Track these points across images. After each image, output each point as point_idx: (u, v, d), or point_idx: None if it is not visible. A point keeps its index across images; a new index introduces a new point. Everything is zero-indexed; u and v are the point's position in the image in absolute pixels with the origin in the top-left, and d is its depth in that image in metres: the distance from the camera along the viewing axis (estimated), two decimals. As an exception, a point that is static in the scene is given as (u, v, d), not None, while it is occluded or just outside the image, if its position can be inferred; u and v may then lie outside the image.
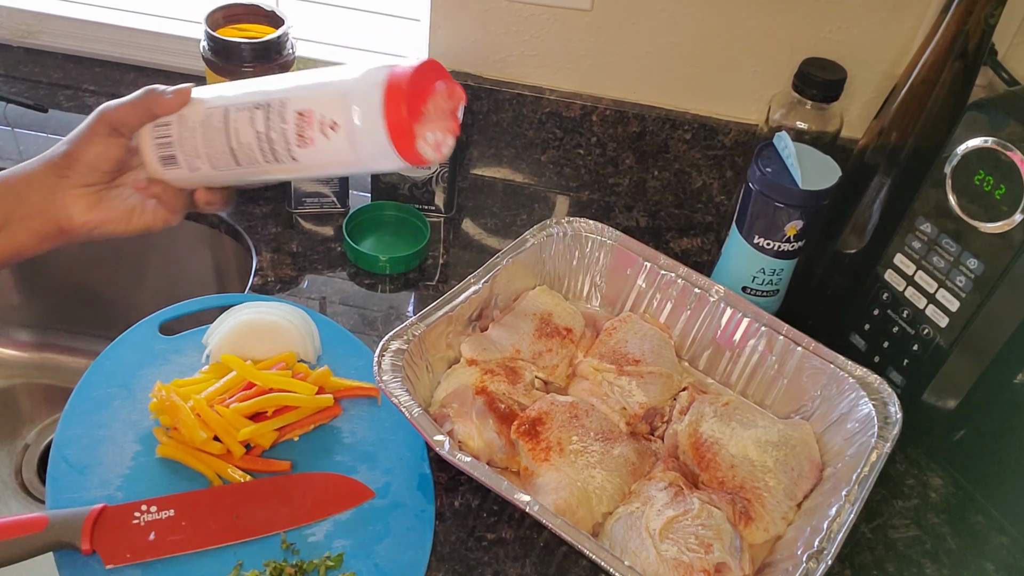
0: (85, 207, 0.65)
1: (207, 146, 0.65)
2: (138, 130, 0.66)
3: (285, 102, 0.63)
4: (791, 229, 0.81)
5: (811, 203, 0.80)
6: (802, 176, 0.79)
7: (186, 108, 0.66)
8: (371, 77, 0.60)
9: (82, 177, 0.64)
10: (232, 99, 0.65)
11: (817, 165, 0.81)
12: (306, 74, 0.65)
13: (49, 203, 0.64)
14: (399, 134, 0.60)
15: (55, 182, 0.64)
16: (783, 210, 0.80)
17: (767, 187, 0.80)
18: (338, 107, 0.61)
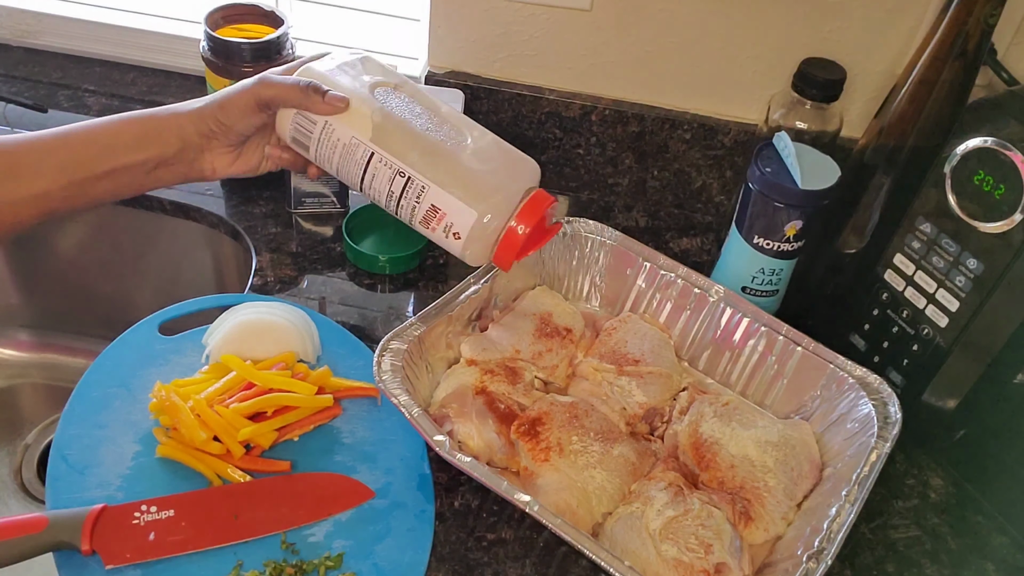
0: (228, 163, 0.73)
1: (341, 163, 0.71)
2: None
3: (426, 189, 0.68)
4: (791, 229, 0.81)
5: (811, 203, 0.80)
6: (802, 176, 0.79)
7: (336, 117, 0.69)
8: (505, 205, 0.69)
9: (229, 140, 0.70)
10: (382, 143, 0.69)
11: (817, 165, 0.81)
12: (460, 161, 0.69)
13: (197, 159, 0.71)
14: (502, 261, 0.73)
15: (204, 143, 0.70)
16: (783, 210, 0.80)
17: (767, 187, 0.80)
18: (467, 226, 0.69)
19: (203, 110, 0.69)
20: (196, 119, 0.69)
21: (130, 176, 0.68)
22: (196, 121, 0.69)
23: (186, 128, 0.69)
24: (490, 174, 0.70)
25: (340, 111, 0.69)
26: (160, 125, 0.69)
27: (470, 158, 0.70)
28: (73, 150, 0.66)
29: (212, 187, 1.03)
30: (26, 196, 0.64)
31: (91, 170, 0.66)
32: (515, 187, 0.70)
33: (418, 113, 0.72)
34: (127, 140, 0.68)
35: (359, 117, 0.70)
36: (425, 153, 0.69)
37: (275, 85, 0.68)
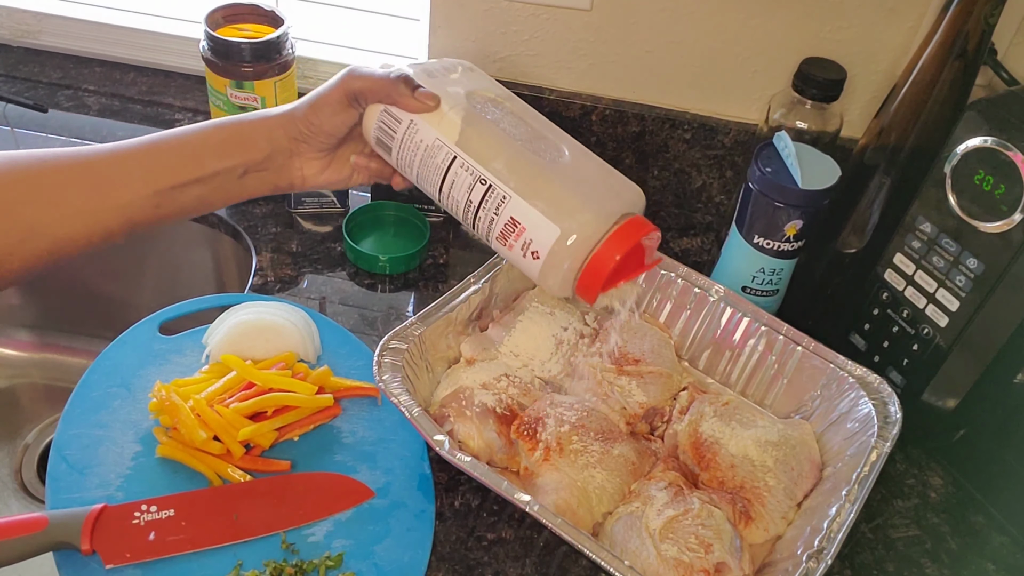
0: (318, 170, 0.69)
1: (421, 167, 0.66)
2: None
3: (507, 199, 0.62)
4: (791, 229, 0.81)
5: (811, 203, 0.80)
6: (802, 176, 0.79)
7: (423, 116, 0.65)
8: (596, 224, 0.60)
9: (319, 143, 0.67)
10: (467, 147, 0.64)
11: (817, 165, 0.81)
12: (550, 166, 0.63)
13: (286, 165, 0.68)
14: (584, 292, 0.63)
15: (295, 146, 0.67)
16: (783, 210, 0.80)
17: (767, 187, 0.80)
18: (547, 243, 0.61)
19: (293, 112, 0.66)
20: (286, 122, 0.66)
21: (218, 184, 0.65)
22: (286, 124, 0.66)
23: (275, 131, 0.66)
24: (582, 191, 0.62)
25: (429, 109, 0.64)
26: (249, 129, 0.66)
27: (562, 173, 0.63)
28: (158, 158, 0.64)
29: (212, 187, 1.03)
30: (112, 206, 0.62)
31: (178, 178, 0.64)
32: (609, 208, 0.61)
33: (513, 123, 0.66)
34: (214, 145, 0.65)
35: (446, 117, 0.65)
36: (511, 161, 0.63)
37: (364, 77, 0.65)
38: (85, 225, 0.61)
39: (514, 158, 0.63)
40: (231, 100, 0.97)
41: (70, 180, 0.61)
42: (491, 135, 0.64)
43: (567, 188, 0.62)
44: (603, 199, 0.62)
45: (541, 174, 0.63)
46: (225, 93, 0.96)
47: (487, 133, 0.64)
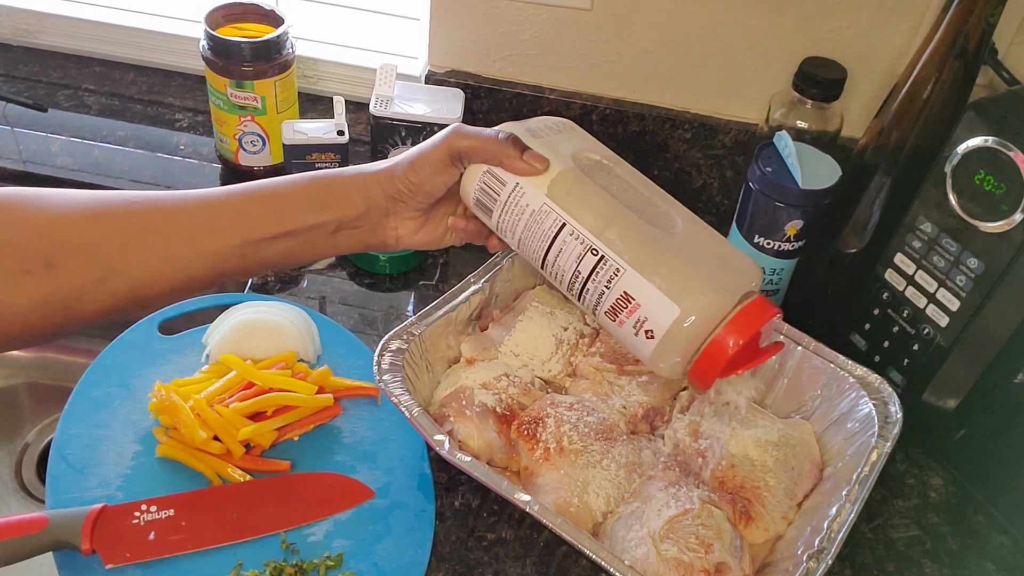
0: (412, 230, 0.67)
1: (525, 233, 0.63)
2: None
3: (620, 272, 0.58)
4: (791, 228, 0.81)
5: (811, 202, 0.80)
6: (802, 175, 0.79)
7: (529, 180, 0.62)
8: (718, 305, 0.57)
9: (416, 203, 0.65)
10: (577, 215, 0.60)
11: (817, 164, 0.81)
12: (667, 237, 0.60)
13: (381, 223, 0.66)
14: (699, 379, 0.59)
15: (391, 205, 0.65)
16: (783, 209, 0.80)
17: (767, 186, 0.80)
18: (664, 323, 0.57)
19: (392, 169, 0.64)
20: (384, 179, 0.64)
21: (308, 238, 0.63)
22: (384, 181, 0.64)
23: (372, 189, 0.64)
24: (702, 268, 0.58)
25: (537, 172, 0.61)
26: (344, 184, 0.64)
27: (678, 246, 0.59)
28: (249, 208, 0.62)
29: (212, 186, 1.02)
30: (197, 252, 0.60)
31: (268, 230, 0.62)
32: (731, 287, 0.58)
33: (623, 189, 0.63)
34: (307, 200, 0.63)
35: (556, 182, 0.61)
36: (625, 231, 0.59)
37: (470, 136, 0.63)
38: (168, 270, 0.59)
39: (628, 228, 0.59)
40: (231, 99, 0.97)
41: (156, 223, 0.59)
42: (602, 201, 0.61)
43: (686, 263, 0.58)
44: (725, 277, 0.58)
45: (657, 247, 0.59)
46: (225, 92, 0.96)
47: (598, 199, 0.61)
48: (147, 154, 1.06)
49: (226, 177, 1.04)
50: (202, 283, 0.61)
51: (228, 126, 0.99)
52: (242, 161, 1.02)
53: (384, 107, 0.96)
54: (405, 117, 0.96)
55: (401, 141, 0.97)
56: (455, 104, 0.99)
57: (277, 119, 0.99)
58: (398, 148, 0.98)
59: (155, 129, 1.10)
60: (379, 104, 0.96)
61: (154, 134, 1.09)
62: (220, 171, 1.05)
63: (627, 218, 0.60)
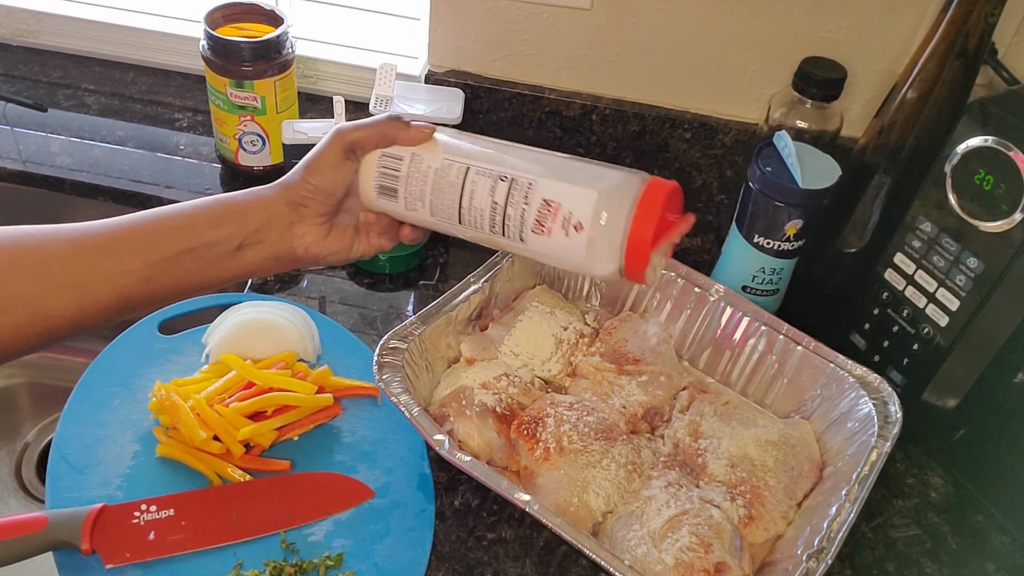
0: (319, 237, 0.66)
1: (434, 194, 0.64)
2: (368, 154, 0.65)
3: (533, 185, 0.61)
4: (791, 228, 0.81)
5: (811, 202, 0.80)
6: (802, 175, 0.79)
7: (423, 147, 0.64)
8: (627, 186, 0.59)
9: (318, 207, 0.65)
10: (476, 158, 0.63)
11: (817, 164, 0.81)
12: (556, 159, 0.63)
13: (286, 234, 0.65)
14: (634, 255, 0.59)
15: (291, 211, 0.64)
16: (783, 209, 0.80)
17: (767, 186, 0.80)
18: (588, 209, 0.59)
19: (289, 179, 0.65)
20: (282, 188, 0.65)
21: (213, 256, 0.63)
22: (283, 191, 0.65)
23: (271, 200, 0.64)
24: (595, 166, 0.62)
25: (428, 136, 0.65)
26: (243, 199, 0.64)
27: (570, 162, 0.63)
28: (147, 230, 0.62)
29: (212, 185, 1.03)
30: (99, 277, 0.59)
31: (168, 249, 0.61)
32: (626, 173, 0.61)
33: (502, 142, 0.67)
34: (206, 217, 0.63)
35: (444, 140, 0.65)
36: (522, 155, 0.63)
37: (358, 127, 0.64)
38: (73, 298, 0.59)
39: (523, 153, 0.64)
40: (231, 99, 0.97)
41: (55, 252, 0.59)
42: (489, 142, 0.65)
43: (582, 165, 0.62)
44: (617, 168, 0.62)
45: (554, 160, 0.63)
46: (225, 92, 0.96)
47: (485, 141, 0.65)
48: (147, 154, 1.06)
49: (226, 177, 1.04)
50: (108, 311, 0.60)
51: (228, 126, 0.99)
52: (242, 161, 1.02)
53: (384, 107, 0.96)
54: (405, 117, 0.96)
55: (401, 141, 0.97)
56: (455, 104, 0.99)
57: (277, 119, 0.99)
58: (398, 148, 0.98)
59: (155, 129, 1.10)
60: (379, 104, 0.96)
61: (154, 134, 1.09)
62: (220, 171, 1.05)
63: (517, 148, 0.64)
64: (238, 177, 1.04)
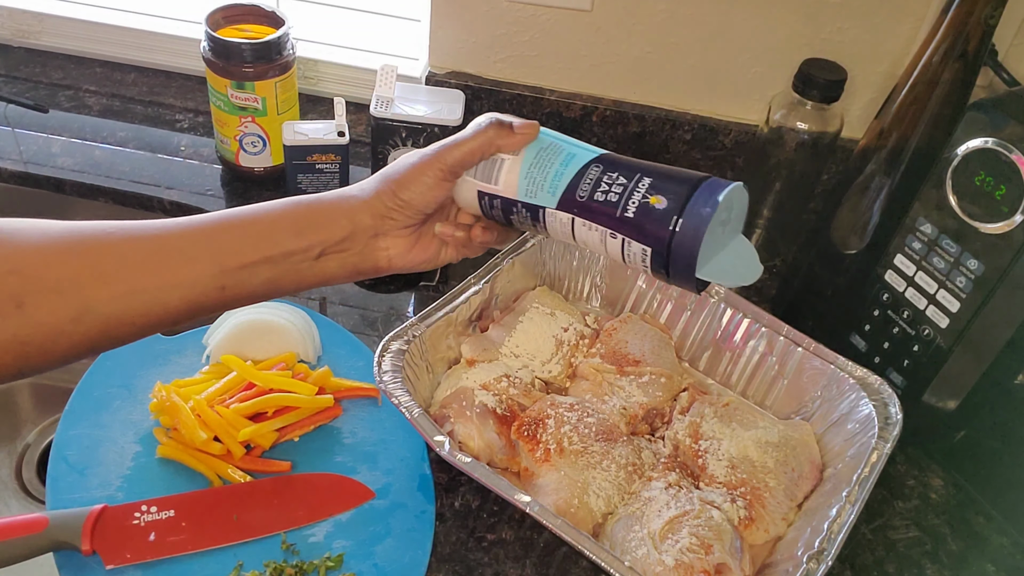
0: (404, 249, 0.64)
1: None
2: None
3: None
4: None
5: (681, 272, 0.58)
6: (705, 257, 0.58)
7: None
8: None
9: (407, 220, 0.62)
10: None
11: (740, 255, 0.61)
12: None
13: (370, 245, 0.62)
14: None
15: (380, 224, 0.62)
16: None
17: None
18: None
19: (378, 189, 0.61)
20: (371, 200, 0.61)
21: (290, 265, 0.60)
22: (370, 202, 0.61)
23: (356, 209, 0.61)
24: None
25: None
26: (328, 207, 0.61)
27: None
28: (225, 235, 0.58)
29: (213, 187, 1.03)
30: (172, 284, 0.56)
31: (245, 257, 0.58)
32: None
33: None
34: (287, 223, 0.60)
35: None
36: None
37: (457, 146, 0.61)
38: (141, 304, 0.56)
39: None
40: (231, 101, 0.97)
41: (128, 255, 0.56)
42: None
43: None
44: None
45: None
46: (226, 94, 0.96)
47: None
48: (148, 155, 1.06)
49: (227, 178, 1.05)
50: (177, 316, 0.58)
51: (229, 127, 0.99)
52: (243, 162, 1.02)
53: (384, 108, 0.96)
54: (405, 118, 0.96)
55: (402, 142, 0.98)
56: (455, 105, 0.99)
57: (278, 120, 0.99)
58: (398, 149, 0.98)
59: (156, 130, 1.10)
60: (379, 105, 0.96)
61: (155, 135, 1.09)
62: (221, 172, 1.05)
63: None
64: (239, 178, 1.04)
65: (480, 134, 0.61)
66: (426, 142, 0.97)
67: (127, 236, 0.57)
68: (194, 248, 0.58)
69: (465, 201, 0.65)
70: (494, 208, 0.64)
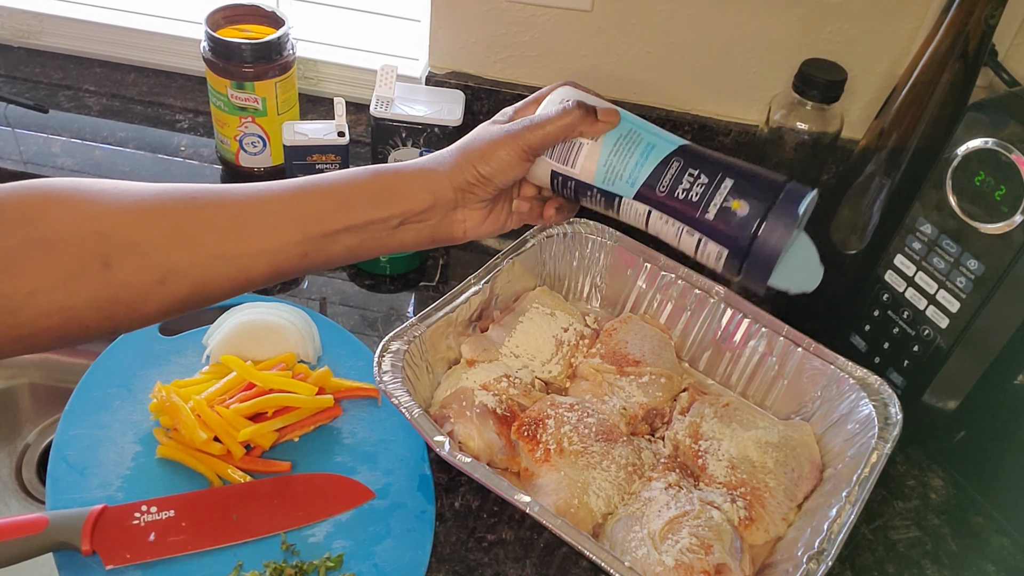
0: (479, 220, 0.66)
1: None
2: None
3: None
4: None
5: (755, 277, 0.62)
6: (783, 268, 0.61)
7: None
8: None
9: (486, 195, 0.64)
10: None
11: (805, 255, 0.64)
12: None
13: (448, 217, 0.64)
14: None
15: (460, 197, 0.63)
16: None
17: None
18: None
19: (458, 162, 0.63)
20: (453, 173, 0.63)
21: (371, 233, 0.61)
22: (452, 175, 0.63)
23: (439, 182, 0.62)
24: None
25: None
26: (409, 179, 0.62)
27: None
28: (310, 204, 0.60)
29: (213, 187, 1.03)
30: (257, 251, 0.58)
31: (329, 226, 0.60)
32: None
33: None
34: (370, 194, 0.61)
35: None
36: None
37: (541, 127, 0.62)
38: (227, 269, 0.57)
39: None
40: (232, 101, 0.97)
41: (213, 221, 0.57)
42: None
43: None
44: None
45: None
46: (226, 94, 0.96)
47: None
48: (148, 155, 1.06)
49: (226, 178, 1.04)
50: (261, 280, 0.59)
51: (229, 127, 0.99)
52: (243, 162, 1.02)
53: (385, 108, 0.96)
54: (405, 118, 0.96)
55: (401, 143, 0.98)
56: (455, 105, 0.99)
57: (278, 120, 0.99)
58: (399, 149, 0.98)
59: (156, 130, 1.10)
60: (380, 105, 0.96)
61: (155, 135, 1.09)
62: (221, 172, 1.05)
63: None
64: (239, 179, 1.04)
65: (562, 117, 0.62)
66: (426, 142, 0.97)
67: (212, 201, 0.58)
68: (279, 216, 0.59)
69: (536, 177, 0.65)
70: (567, 188, 0.65)
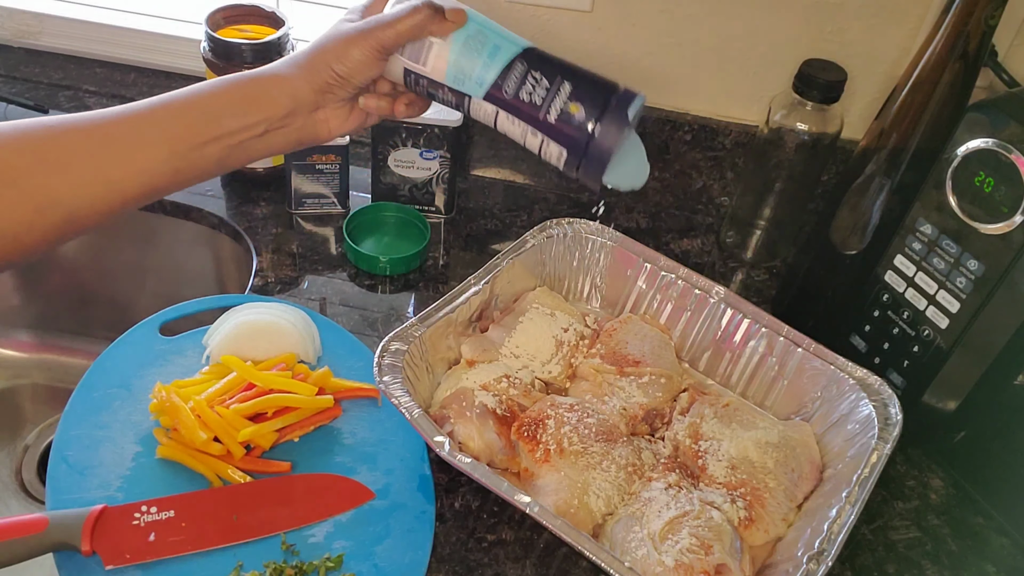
0: (342, 119, 0.68)
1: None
2: None
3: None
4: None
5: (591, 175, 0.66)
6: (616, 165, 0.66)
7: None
8: None
9: (345, 94, 0.66)
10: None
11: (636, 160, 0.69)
12: None
13: (311, 119, 0.66)
14: None
15: (320, 98, 0.65)
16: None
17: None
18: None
19: (314, 64, 0.64)
20: (309, 74, 0.64)
21: (238, 141, 0.63)
22: (307, 76, 0.64)
23: (298, 86, 0.64)
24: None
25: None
26: (267, 85, 0.63)
27: None
28: (173, 119, 0.61)
29: (213, 188, 1.03)
30: (129, 172, 0.59)
31: (194, 139, 0.61)
32: None
33: None
34: (233, 104, 0.62)
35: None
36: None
37: (392, 24, 0.63)
38: (102, 192, 0.58)
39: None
40: (232, 101, 0.96)
41: (81, 146, 0.58)
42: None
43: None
44: None
45: None
46: (226, 94, 0.96)
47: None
48: (148, 155, 1.06)
49: (227, 178, 1.05)
50: (136, 201, 0.61)
51: (229, 127, 0.99)
52: (243, 162, 1.02)
53: (384, 108, 0.96)
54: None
55: (401, 143, 0.98)
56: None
57: (278, 120, 0.99)
58: (398, 149, 0.98)
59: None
60: (379, 105, 0.96)
61: (155, 135, 1.09)
62: (221, 172, 1.05)
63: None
64: (239, 179, 1.04)
65: (412, 16, 0.64)
66: (426, 143, 0.97)
67: (77, 127, 0.59)
68: (145, 134, 0.60)
69: (391, 74, 0.68)
70: (419, 86, 0.67)
